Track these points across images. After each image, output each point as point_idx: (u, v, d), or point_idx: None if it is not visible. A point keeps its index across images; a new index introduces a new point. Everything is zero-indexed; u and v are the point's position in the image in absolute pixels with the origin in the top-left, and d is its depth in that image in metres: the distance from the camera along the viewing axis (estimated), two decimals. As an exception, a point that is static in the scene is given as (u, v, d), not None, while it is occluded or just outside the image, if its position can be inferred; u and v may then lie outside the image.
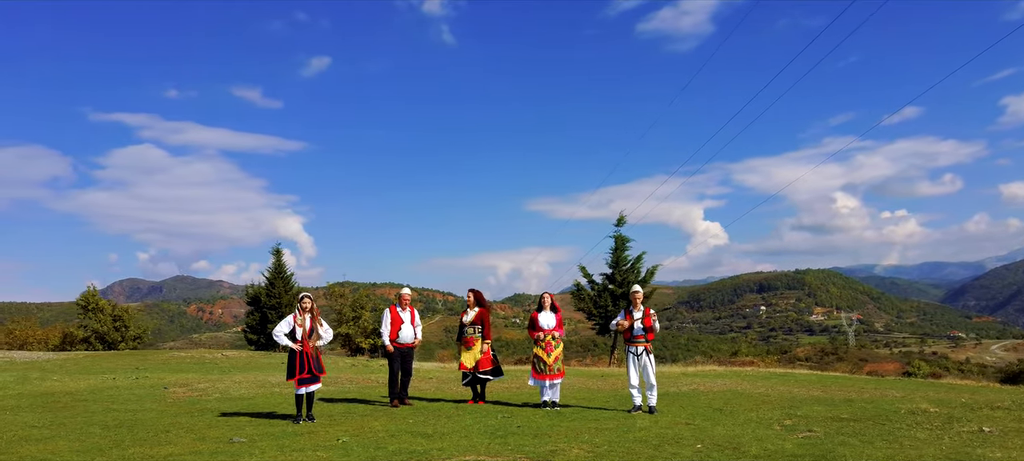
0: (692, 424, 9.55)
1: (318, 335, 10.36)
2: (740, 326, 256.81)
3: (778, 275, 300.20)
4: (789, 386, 15.46)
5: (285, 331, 10.34)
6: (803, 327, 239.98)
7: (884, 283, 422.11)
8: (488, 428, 9.23)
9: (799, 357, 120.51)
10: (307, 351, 10.20)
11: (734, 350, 49.91)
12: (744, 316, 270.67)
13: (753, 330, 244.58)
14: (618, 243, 31.16)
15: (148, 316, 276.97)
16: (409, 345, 11.99)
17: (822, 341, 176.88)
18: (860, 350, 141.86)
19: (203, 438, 8.85)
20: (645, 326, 10.83)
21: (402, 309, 11.98)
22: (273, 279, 43.67)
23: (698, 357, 40.68)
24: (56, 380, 16.47)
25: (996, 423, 9.41)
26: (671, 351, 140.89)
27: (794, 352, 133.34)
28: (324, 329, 10.51)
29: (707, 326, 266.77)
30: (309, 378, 10.21)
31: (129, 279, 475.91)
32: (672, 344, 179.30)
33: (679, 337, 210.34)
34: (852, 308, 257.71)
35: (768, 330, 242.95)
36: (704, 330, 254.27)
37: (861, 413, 10.53)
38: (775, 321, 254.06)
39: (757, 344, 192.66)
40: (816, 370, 30.60)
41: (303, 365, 10.17)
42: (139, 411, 11.44)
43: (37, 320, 56.46)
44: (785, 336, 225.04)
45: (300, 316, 10.35)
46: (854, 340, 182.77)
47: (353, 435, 8.84)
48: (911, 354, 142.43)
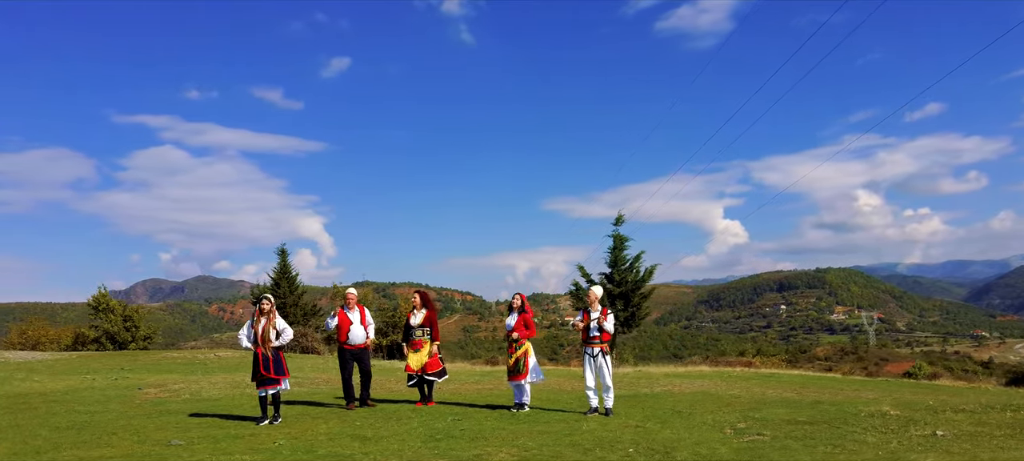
0: (641, 427, 9.39)
1: (270, 338, 10.31)
2: (760, 325, 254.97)
3: (798, 274, 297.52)
4: (766, 387, 15.23)
5: (246, 334, 10.32)
6: (823, 326, 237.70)
7: (907, 282, 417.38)
8: (431, 431, 9.13)
9: (818, 356, 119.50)
10: (259, 352, 10.17)
11: (741, 350, 49.44)
12: (764, 315, 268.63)
13: (773, 329, 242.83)
14: (616, 242, 30.82)
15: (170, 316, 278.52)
16: (361, 346, 11.90)
17: (842, 340, 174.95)
18: (881, 350, 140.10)
19: (144, 440, 8.83)
20: (600, 327, 10.67)
21: (349, 310, 11.89)
22: (278, 279, 43.79)
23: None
24: (37, 381, 16.57)
25: (953, 426, 9.17)
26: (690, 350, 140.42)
27: (813, 351, 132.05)
28: (280, 329, 10.45)
29: (727, 325, 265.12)
30: (268, 380, 10.16)
31: (152, 279, 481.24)
32: (691, 344, 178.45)
33: (698, 336, 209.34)
34: (873, 307, 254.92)
35: (788, 329, 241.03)
36: (723, 329, 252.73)
37: (821, 416, 10.31)
38: (795, 320, 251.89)
39: (777, 343, 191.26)
40: (823, 371, 30.21)
41: (264, 366, 10.14)
42: (99, 412, 11.46)
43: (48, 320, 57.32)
44: (805, 335, 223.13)
45: (256, 318, 10.32)
46: (875, 339, 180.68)
47: (293, 438, 8.78)
48: (933, 354, 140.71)
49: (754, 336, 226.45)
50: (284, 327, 10.52)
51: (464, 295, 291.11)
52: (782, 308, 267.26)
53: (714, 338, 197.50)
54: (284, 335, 10.47)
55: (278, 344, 10.34)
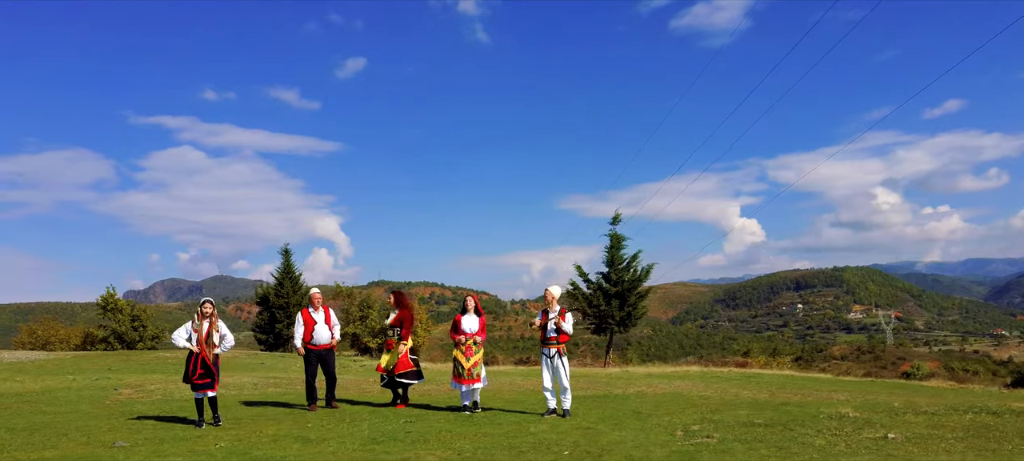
0: (592, 429, 9.30)
1: (214, 342, 10.28)
2: (777, 324, 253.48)
3: (815, 273, 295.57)
4: (742, 388, 15.10)
5: (184, 336, 10.29)
6: (841, 325, 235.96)
7: (926, 280, 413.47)
8: (377, 434, 9.09)
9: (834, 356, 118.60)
10: (204, 355, 10.15)
11: (745, 349, 49.03)
12: (781, 314, 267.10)
13: (790, 328, 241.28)
14: (614, 241, 30.75)
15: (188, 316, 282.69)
16: (326, 346, 11.87)
17: (860, 340, 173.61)
18: (898, 349, 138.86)
19: (92, 442, 8.84)
20: (558, 328, 10.58)
21: (314, 310, 11.85)
22: (282, 279, 44.06)
23: (690, 357, 40.01)
24: (19, 381, 16.69)
25: (908, 429, 9.02)
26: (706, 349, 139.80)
27: (829, 351, 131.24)
28: (221, 334, 10.43)
29: (743, 324, 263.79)
30: (204, 382, 10.15)
31: (170, 279, 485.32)
32: (707, 342, 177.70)
33: (714, 336, 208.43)
34: (891, 306, 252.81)
35: (805, 328, 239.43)
36: (740, 328, 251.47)
37: (781, 418, 10.18)
38: (812, 319, 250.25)
39: (793, 342, 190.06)
40: (839, 374, 29.95)
41: (196, 369, 10.13)
42: (63, 413, 11.50)
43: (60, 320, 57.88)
44: (822, 335, 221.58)
45: (198, 321, 10.30)
46: (892, 339, 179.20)
47: (237, 440, 8.76)
48: (951, 353, 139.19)
49: (771, 335, 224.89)
50: (226, 332, 10.50)
51: (479, 294, 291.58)
52: (799, 307, 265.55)
53: (730, 337, 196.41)
54: (226, 340, 10.45)
55: (221, 348, 10.33)
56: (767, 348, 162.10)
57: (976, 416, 9.91)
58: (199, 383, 10.13)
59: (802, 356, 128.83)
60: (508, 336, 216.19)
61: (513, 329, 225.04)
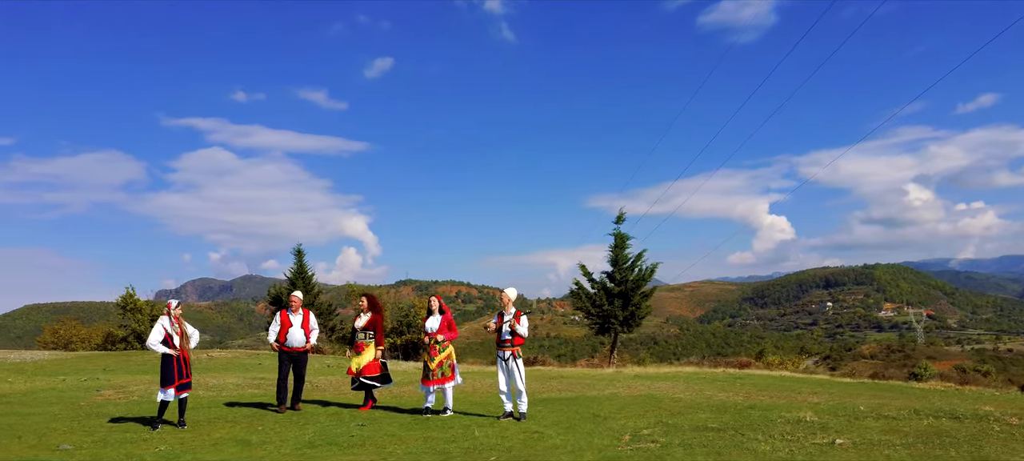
0: (538, 433, 9.21)
1: (188, 338, 10.36)
2: (806, 323, 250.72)
3: (845, 270, 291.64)
4: (719, 390, 14.86)
5: (160, 339, 10.32)
6: (871, 324, 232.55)
7: (959, 278, 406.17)
8: (319, 437, 9.07)
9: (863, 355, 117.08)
10: (185, 357, 10.21)
11: (759, 350, 48.46)
12: (810, 312, 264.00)
13: (819, 327, 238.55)
14: (618, 241, 30.56)
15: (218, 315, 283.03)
16: (299, 349, 11.88)
17: (890, 338, 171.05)
18: (929, 347, 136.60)
19: (39, 445, 8.92)
20: (512, 330, 10.48)
21: (293, 312, 11.89)
22: (294, 279, 44.34)
23: (694, 357, 39.62)
24: (9, 382, 16.94)
25: (862, 434, 8.80)
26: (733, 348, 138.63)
27: (859, 350, 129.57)
28: (191, 332, 10.51)
29: (771, 323, 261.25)
30: (186, 384, 10.22)
31: (201, 278, 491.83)
32: (735, 341, 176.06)
33: (742, 334, 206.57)
34: (923, 304, 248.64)
35: (834, 327, 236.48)
36: (768, 327, 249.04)
37: (739, 421, 10.00)
38: (842, 318, 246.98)
39: (823, 341, 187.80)
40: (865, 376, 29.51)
41: (180, 371, 10.18)
42: (32, 415, 11.62)
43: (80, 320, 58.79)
44: (852, 333, 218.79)
45: (174, 324, 10.35)
46: (923, 337, 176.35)
47: (177, 444, 8.79)
48: (984, 351, 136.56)
49: (799, 334, 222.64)
50: (193, 332, 10.57)
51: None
52: (828, 305, 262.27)
53: (758, 336, 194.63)
54: (193, 338, 10.52)
55: (190, 347, 10.41)
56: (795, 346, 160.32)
57: (936, 421, 9.65)
58: (183, 383, 10.18)
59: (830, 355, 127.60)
60: (535, 334, 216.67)
61: (539, 327, 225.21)
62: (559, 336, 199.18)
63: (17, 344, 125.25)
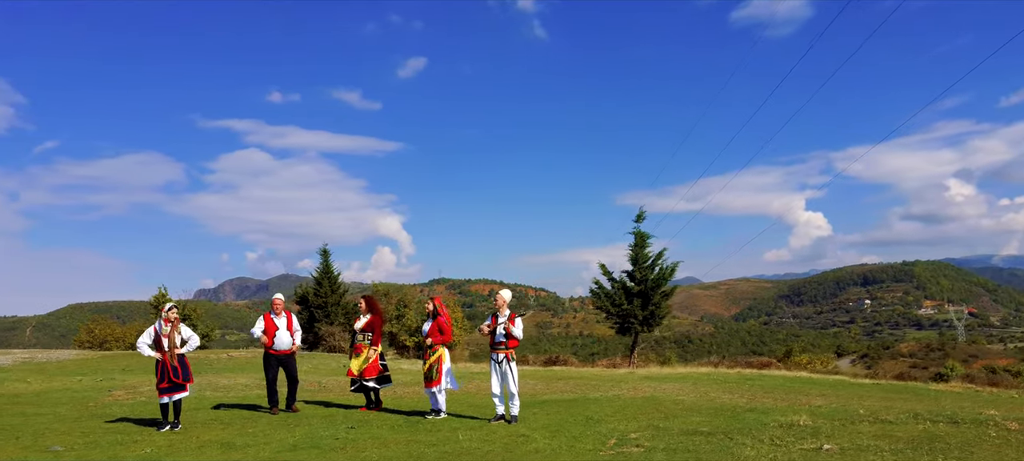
0: (524, 437, 9.14)
1: (176, 344, 10.45)
2: (843, 321, 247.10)
3: (883, 267, 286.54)
4: (725, 391, 14.67)
5: (148, 342, 10.47)
6: (910, 322, 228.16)
7: (1002, 274, 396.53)
8: (305, 440, 9.10)
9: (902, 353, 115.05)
10: (165, 360, 10.31)
11: (786, 349, 47.80)
12: (847, 310, 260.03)
13: (856, 325, 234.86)
14: (638, 240, 30.30)
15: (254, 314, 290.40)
16: (287, 351, 11.97)
17: (930, 336, 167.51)
18: (970, 346, 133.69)
19: (33, 446, 9.07)
20: (506, 332, 10.42)
21: (276, 315, 11.96)
22: (320, 279, 44.66)
23: (714, 357, 39.15)
24: (27, 382, 17.28)
25: (854, 439, 8.60)
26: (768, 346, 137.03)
27: (897, 348, 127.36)
28: (186, 337, 10.60)
29: (808, 321, 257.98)
30: (170, 387, 10.32)
31: (238, 278, 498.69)
32: (770, 340, 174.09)
33: (777, 332, 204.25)
34: (965, 301, 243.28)
35: (873, 325, 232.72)
36: (804, 325, 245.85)
37: (732, 425, 9.84)
38: (880, 315, 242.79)
39: (861, 339, 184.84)
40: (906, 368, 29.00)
41: (165, 374, 10.30)
42: (38, 415, 11.84)
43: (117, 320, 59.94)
44: (891, 331, 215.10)
45: (164, 326, 10.46)
46: (964, 335, 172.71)
47: (166, 446, 8.88)
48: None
49: (836, 332, 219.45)
50: (190, 335, 10.66)
51: (538, 291, 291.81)
52: (866, 303, 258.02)
53: (794, 334, 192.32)
54: (190, 342, 10.60)
55: (184, 350, 10.49)
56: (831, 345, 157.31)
57: (932, 425, 9.41)
58: (165, 386, 10.29)
59: (868, 353, 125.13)
60: (566, 332, 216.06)
61: (571, 326, 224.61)
62: (592, 334, 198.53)
63: (61, 342, 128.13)
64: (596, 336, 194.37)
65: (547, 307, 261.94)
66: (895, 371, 30.55)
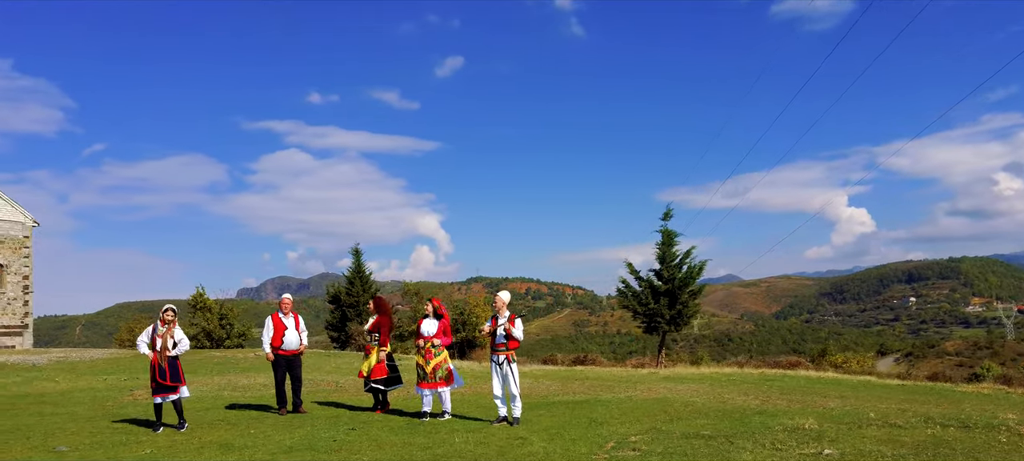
0: (522, 439, 9.07)
1: (168, 347, 10.54)
2: (887, 318, 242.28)
3: (929, 264, 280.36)
4: (740, 393, 14.43)
5: (146, 341, 10.59)
6: (957, 319, 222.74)
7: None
8: (302, 442, 9.14)
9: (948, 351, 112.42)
10: (155, 362, 10.40)
11: (822, 348, 46.98)
12: (891, 308, 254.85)
13: (901, 323, 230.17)
14: (665, 238, 29.97)
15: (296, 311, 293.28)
16: (294, 352, 12.08)
17: (978, 334, 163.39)
18: (1019, 344, 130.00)
19: (41, 446, 9.24)
20: (507, 333, 10.36)
21: (284, 315, 12.06)
22: (352, 279, 45.00)
23: (743, 356, 38.56)
24: (54, 381, 17.65)
25: (857, 444, 8.39)
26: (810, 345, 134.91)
27: (943, 346, 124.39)
28: (178, 339, 10.68)
29: (850, 319, 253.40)
30: (164, 387, 10.43)
31: (280, 276, 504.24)
32: (811, 338, 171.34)
33: (819, 331, 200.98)
34: (1015, 298, 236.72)
35: (918, 322, 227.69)
36: (847, 323, 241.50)
37: (734, 429, 9.67)
38: (926, 313, 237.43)
39: (905, 337, 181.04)
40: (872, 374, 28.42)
41: (156, 375, 10.40)
42: (54, 415, 12.09)
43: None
44: (937, 329, 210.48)
45: (160, 327, 10.58)
46: (1013, 333, 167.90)
47: (167, 446, 8.99)
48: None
49: (880, 330, 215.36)
50: (181, 337, 10.73)
51: (575, 289, 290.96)
52: (911, 300, 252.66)
53: (836, 332, 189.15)
54: (181, 345, 10.68)
55: (175, 353, 10.57)
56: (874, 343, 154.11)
57: (943, 429, 9.14)
58: (163, 384, 10.41)
59: (912, 352, 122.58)
60: (604, 331, 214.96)
61: (609, 324, 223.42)
62: (629, 333, 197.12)
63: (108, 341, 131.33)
64: (634, 335, 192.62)
65: (584, 305, 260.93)
66: (930, 371, 29.83)
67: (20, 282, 36.17)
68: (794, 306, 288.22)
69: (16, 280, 35.98)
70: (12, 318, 35.75)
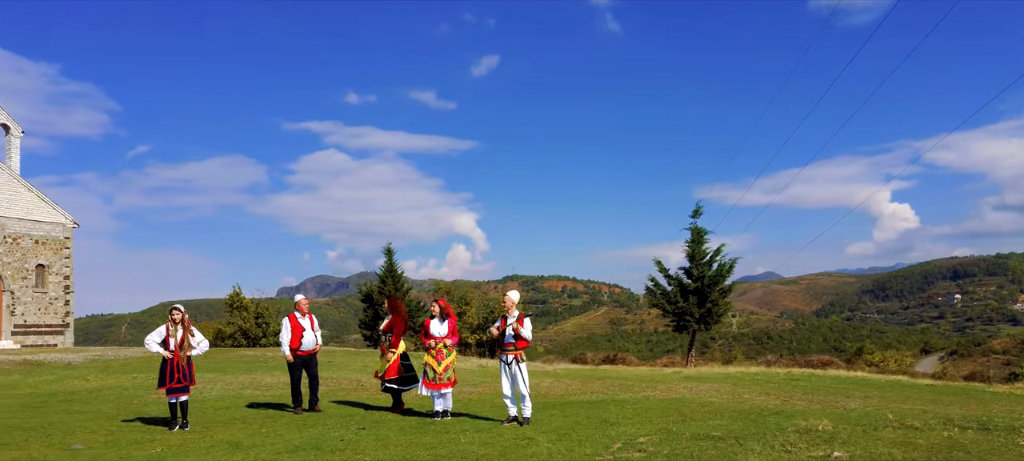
0: (528, 439, 9.03)
1: (190, 345, 10.71)
2: (931, 316, 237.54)
3: (975, 260, 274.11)
4: (760, 393, 14.22)
5: (157, 340, 10.74)
6: (1005, 317, 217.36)
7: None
8: (309, 441, 9.19)
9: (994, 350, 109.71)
10: (177, 361, 10.57)
11: (858, 347, 46.16)
12: (936, 305, 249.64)
13: (946, 320, 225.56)
14: (695, 235, 29.72)
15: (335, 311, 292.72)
16: (311, 351, 12.21)
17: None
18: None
19: (51, 444, 9.41)
20: (516, 333, 10.33)
21: (301, 316, 12.17)
22: (384, 278, 45.32)
23: (778, 355, 37.97)
24: (86, 380, 18.00)
25: (868, 447, 8.19)
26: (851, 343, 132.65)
27: (989, 344, 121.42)
28: (197, 339, 10.85)
29: (893, 316, 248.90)
30: (179, 387, 10.59)
31: (319, 276, 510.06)
32: (853, 336, 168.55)
33: (861, 329, 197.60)
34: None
35: (964, 320, 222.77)
36: (890, 321, 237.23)
37: (746, 430, 9.51)
38: (972, 310, 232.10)
39: (950, 335, 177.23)
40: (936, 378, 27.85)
41: (172, 374, 10.56)
42: (80, 413, 12.32)
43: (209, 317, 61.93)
44: (983, 327, 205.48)
45: (171, 327, 10.73)
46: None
47: (178, 445, 9.11)
48: None
49: (924, 328, 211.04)
50: (201, 339, 10.91)
51: (611, 287, 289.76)
52: (956, 297, 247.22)
53: (879, 330, 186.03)
54: (201, 345, 10.85)
55: (194, 353, 10.74)
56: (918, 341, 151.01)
57: (961, 432, 8.89)
58: (175, 387, 10.58)
59: (957, 350, 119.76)
60: (641, 330, 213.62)
61: (645, 323, 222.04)
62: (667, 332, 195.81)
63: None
64: (670, 334, 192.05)
65: (621, 304, 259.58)
66: (970, 370, 29.13)
67: (61, 282, 36.99)
68: (835, 304, 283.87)
69: (57, 280, 36.81)
70: (54, 317, 36.58)
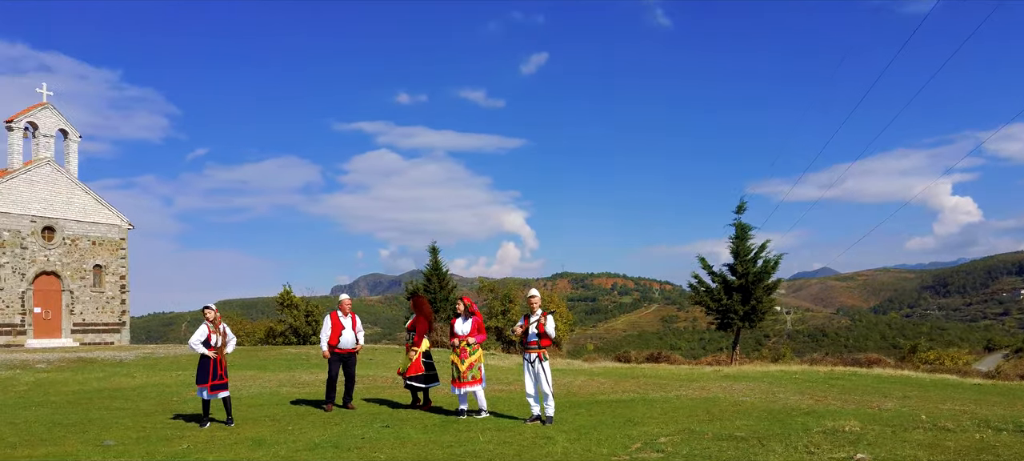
0: (547, 438, 8.99)
1: (226, 344, 10.94)
2: (995, 313, 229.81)
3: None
4: (794, 392, 13.87)
5: (201, 339, 10.98)
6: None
7: None
8: (331, 438, 9.29)
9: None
10: (220, 359, 10.81)
11: (912, 345, 44.90)
12: (1000, 301, 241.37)
13: (1011, 317, 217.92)
14: (739, 231, 29.25)
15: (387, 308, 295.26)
16: (351, 350, 12.39)
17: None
18: None
19: (86, 440, 9.67)
20: (539, 332, 10.30)
21: (343, 315, 12.34)
22: (430, 276, 45.62)
23: (817, 353, 37.07)
24: (133, 377, 18.43)
25: (895, 449, 7.96)
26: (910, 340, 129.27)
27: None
28: (229, 337, 11.08)
29: (955, 313, 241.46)
30: (221, 385, 10.82)
31: (372, 274, 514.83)
32: (912, 333, 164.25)
33: (921, 326, 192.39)
34: None
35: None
36: (951, 317, 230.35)
37: (771, 430, 9.33)
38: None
39: (1015, 332, 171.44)
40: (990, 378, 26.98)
41: (215, 372, 10.79)
42: (121, 410, 12.63)
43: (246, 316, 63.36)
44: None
45: (211, 326, 10.95)
46: None
47: (203, 442, 9.29)
48: None
49: (987, 325, 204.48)
50: (232, 337, 11.15)
51: (663, 284, 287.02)
52: (1022, 293, 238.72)
53: (940, 327, 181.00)
54: (231, 342, 11.08)
55: (228, 350, 10.97)
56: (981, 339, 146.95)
57: (995, 434, 8.58)
58: (217, 384, 10.80)
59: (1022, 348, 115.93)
60: (693, 327, 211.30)
61: (698, 320, 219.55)
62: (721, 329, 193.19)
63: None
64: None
65: (672, 301, 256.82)
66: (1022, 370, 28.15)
67: (117, 282, 38.07)
68: (894, 300, 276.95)
69: (114, 280, 37.89)
70: (110, 316, 37.67)
